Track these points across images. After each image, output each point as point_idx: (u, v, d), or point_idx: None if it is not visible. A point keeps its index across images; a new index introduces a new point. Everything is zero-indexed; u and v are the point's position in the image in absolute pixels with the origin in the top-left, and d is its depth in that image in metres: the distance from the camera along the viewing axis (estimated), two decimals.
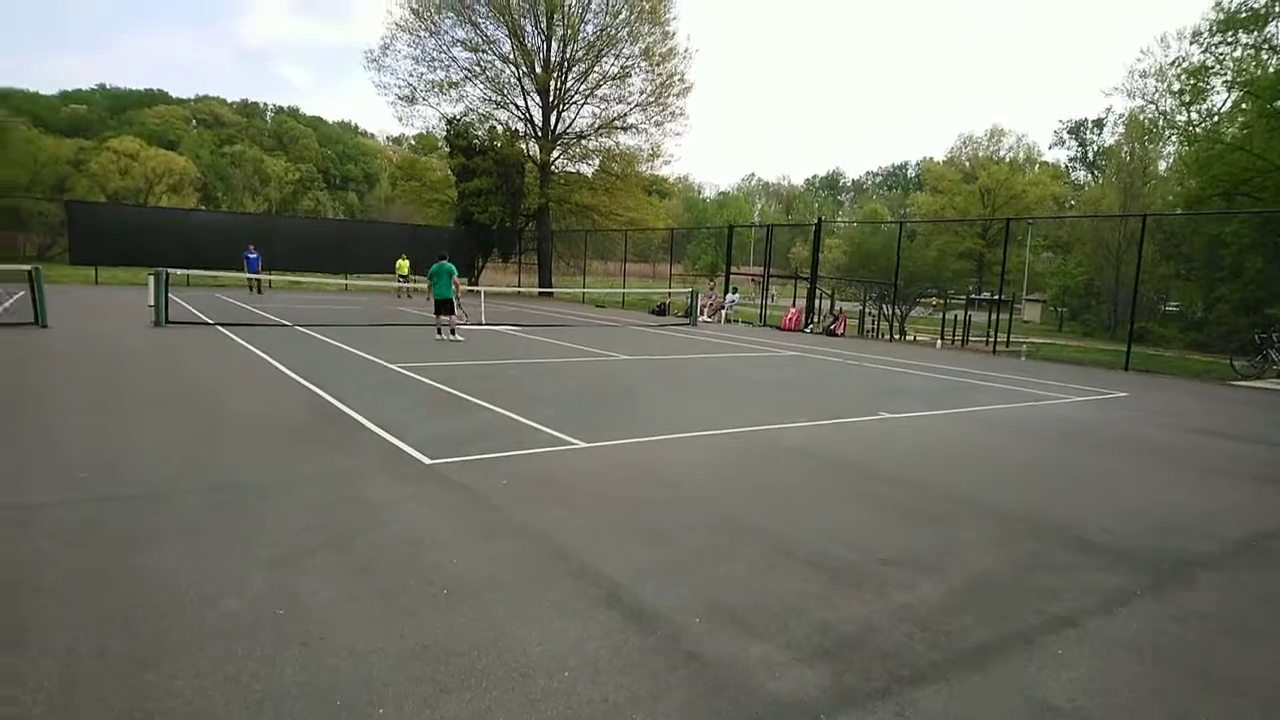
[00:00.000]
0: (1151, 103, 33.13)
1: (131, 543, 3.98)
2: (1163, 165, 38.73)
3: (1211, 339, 25.14)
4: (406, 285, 28.14)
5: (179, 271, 17.75)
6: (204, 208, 57.66)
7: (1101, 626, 3.56)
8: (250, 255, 26.37)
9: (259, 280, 26.92)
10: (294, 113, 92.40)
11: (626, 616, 3.39)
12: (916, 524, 4.93)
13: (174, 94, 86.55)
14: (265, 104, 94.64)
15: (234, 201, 67.76)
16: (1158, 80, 31.32)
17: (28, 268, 13.95)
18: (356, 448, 6.16)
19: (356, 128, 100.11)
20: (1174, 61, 29.08)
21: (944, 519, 5.08)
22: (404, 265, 28.91)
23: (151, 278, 14.80)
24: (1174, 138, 33.65)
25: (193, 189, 62.86)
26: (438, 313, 14.85)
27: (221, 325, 15.34)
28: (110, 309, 18.21)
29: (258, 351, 11.61)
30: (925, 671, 3.06)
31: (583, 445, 6.54)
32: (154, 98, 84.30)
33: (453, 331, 14.82)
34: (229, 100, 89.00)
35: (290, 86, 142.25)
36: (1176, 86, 28.79)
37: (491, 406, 8.03)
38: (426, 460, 5.77)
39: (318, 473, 5.41)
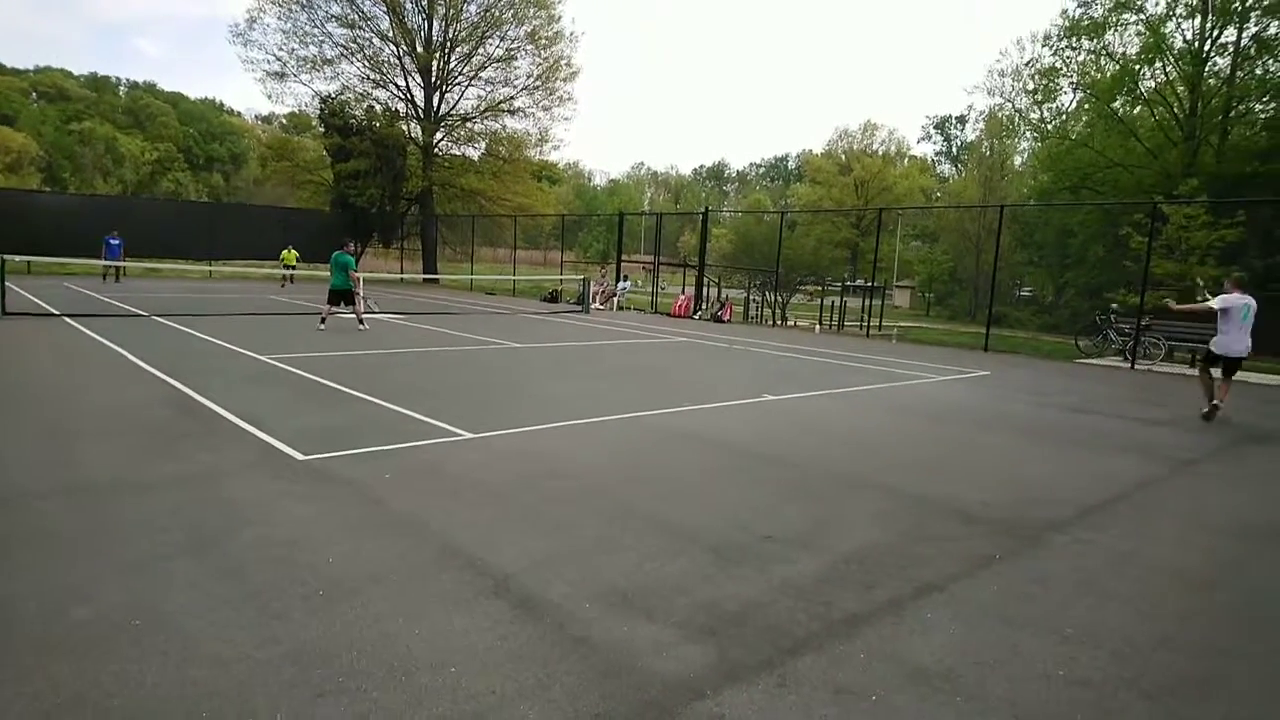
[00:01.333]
0: (1008, 100, 35.59)
1: None
2: (1018, 160, 41.71)
3: (1060, 321, 27.35)
4: (290, 273, 26.52)
5: (18, 258, 16.10)
6: (48, 189, 52.52)
7: (965, 590, 3.80)
8: (112, 241, 24.44)
9: (118, 268, 24.85)
10: (151, 88, 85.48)
11: (515, 606, 3.35)
12: (799, 501, 5.11)
13: (8, 64, 78.34)
14: (118, 78, 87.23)
15: (83, 183, 62.14)
16: (1014, 79, 33.68)
17: None
18: (222, 445, 5.79)
19: (222, 105, 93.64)
20: (1028, 62, 31.33)
21: (825, 496, 5.29)
22: (290, 255, 27.15)
23: None
24: (1028, 134, 36.26)
25: (34, 168, 57.27)
26: (330, 302, 14.14)
27: (69, 316, 14.06)
28: None
29: (110, 344, 10.71)
30: (804, 641, 3.18)
31: (470, 436, 6.40)
32: None
33: (360, 321, 14.19)
34: (75, 73, 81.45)
35: (147, 60, 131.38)
36: (1030, 86, 31.03)
37: (372, 399, 7.73)
38: (300, 456, 5.49)
39: (179, 472, 5.05)
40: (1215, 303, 9.11)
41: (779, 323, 22.97)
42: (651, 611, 3.38)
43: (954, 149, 65.86)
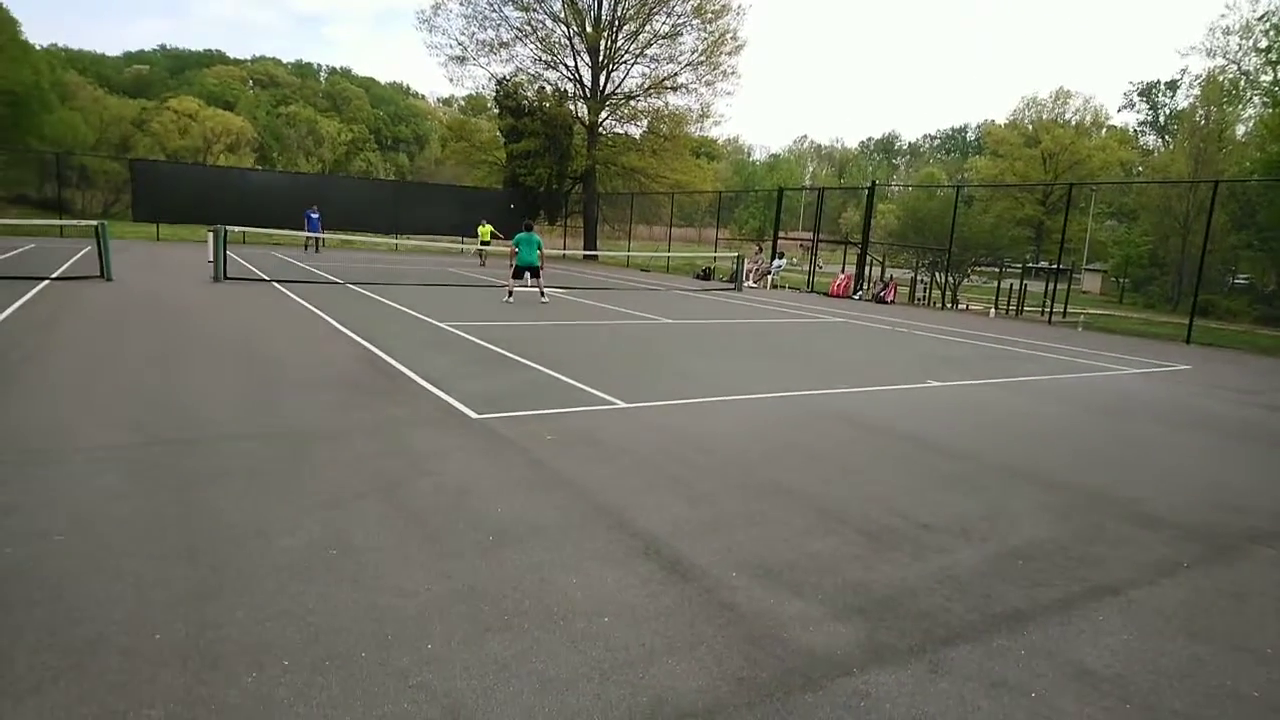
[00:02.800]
0: (1233, 62, 31.40)
1: (195, 483, 4.18)
2: (1241, 130, 36.83)
3: None
4: (486, 249, 27.17)
5: (236, 229, 18.20)
6: (260, 168, 58.75)
7: (1144, 596, 3.52)
8: (312, 215, 27.10)
9: (318, 239, 27.48)
10: (347, 73, 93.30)
11: (664, 569, 3.47)
12: (961, 492, 4.89)
13: (231, 54, 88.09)
14: (319, 65, 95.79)
15: (289, 162, 68.92)
16: (1242, 37, 29.65)
17: (94, 223, 14.46)
18: (405, 401, 6.33)
19: (408, 89, 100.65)
20: (1262, 16, 27.48)
21: (990, 488, 5.03)
22: (486, 231, 27.95)
23: (211, 234, 15.23)
24: (1256, 99, 31.91)
25: (249, 149, 64.11)
26: (516, 276, 14.87)
27: (277, 282, 15.76)
28: (171, 264, 18.82)
29: (312, 308, 11.91)
30: (960, 632, 3.07)
31: (625, 405, 6.61)
32: (212, 58, 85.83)
33: (542, 293, 14.96)
34: (284, 61, 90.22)
35: (342, 47, 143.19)
36: (1264, 43, 27.23)
37: (537, 366, 8.14)
38: (473, 415, 5.91)
39: (368, 423, 5.59)
40: None
41: (949, 306, 21.78)
42: (798, 586, 3.38)
43: (1161, 118, 59.17)
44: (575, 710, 2.41)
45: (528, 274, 14.74)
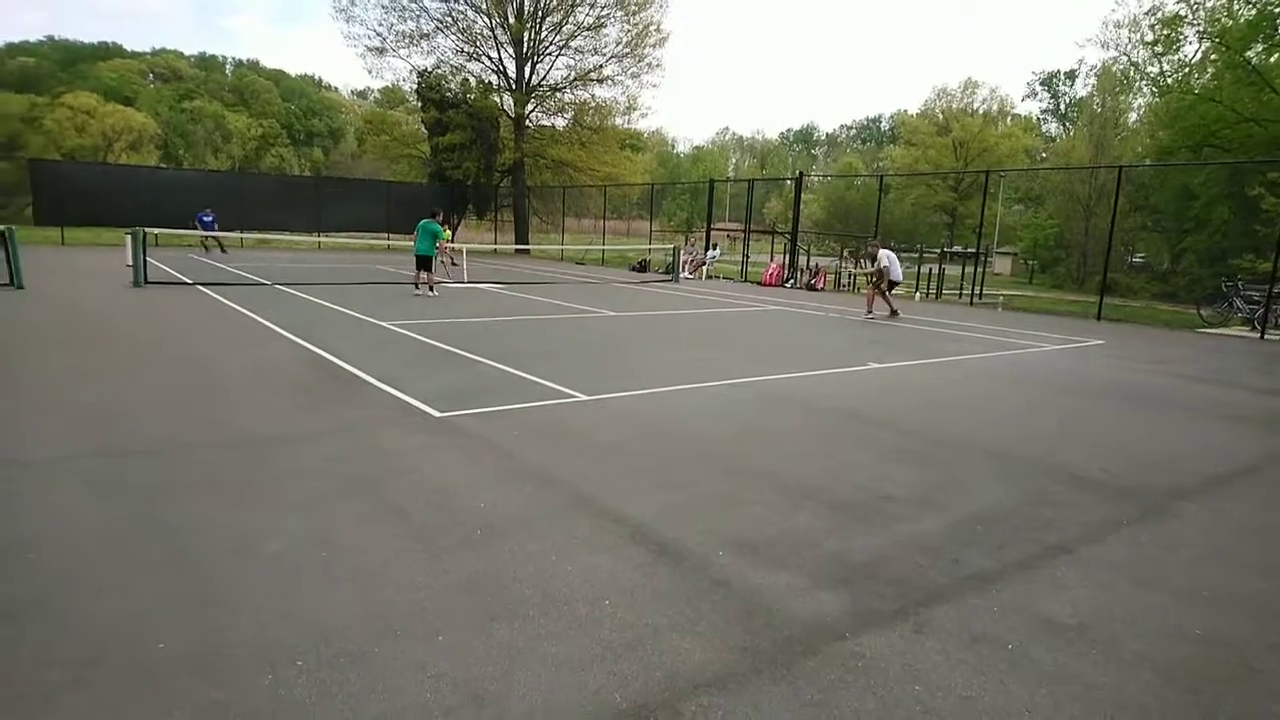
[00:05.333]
0: (1124, 54, 33.30)
1: (158, 494, 4.07)
2: (1133, 117, 39.12)
3: (1178, 289, 25.75)
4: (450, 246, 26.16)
5: (153, 231, 17.38)
6: (165, 166, 55.96)
7: (1094, 553, 3.82)
8: (205, 219, 25.35)
9: (219, 240, 26.16)
10: (254, 66, 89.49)
11: (653, 552, 3.58)
12: (916, 465, 5.16)
13: (129, 47, 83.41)
14: (224, 57, 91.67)
15: (196, 159, 65.83)
16: (1131, 30, 31.46)
17: (1, 228, 13.59)
18: (364, 402, 6.25)
19: (320, 81, 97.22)
20: (1148, 10, 29.17)
21: (942, 461, 5.33)
22: (446, 231, 26.80)
23: (129, 237, 14.53)
24: (1145, 89, 33.95)
25: (153, 146, 60.97)
26: (418, 269, 14.89)
27: (202, 285, 15.14)
28: (83, 269, 17.85)
29: (243, 310, 11.53)
30: (936, 594, 3.29)
31: (585, 398, 6.68)
32: (108, 51, 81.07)
33: (430, 288, 14.87)
34: (186, 54, 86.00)
35: (246, 38, 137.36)
36: (1149, 36, 28.94)
37: (489, 362, 8.12)
38: (436, 413, 5.88)
39: (332, 425, 5.51)
40: None
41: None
42: (783, 560, 3.55)
43: (1062, 106, 62.30)
44: (594, 688, 2.50)
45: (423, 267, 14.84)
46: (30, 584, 3.05)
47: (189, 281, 15.76)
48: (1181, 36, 27.52)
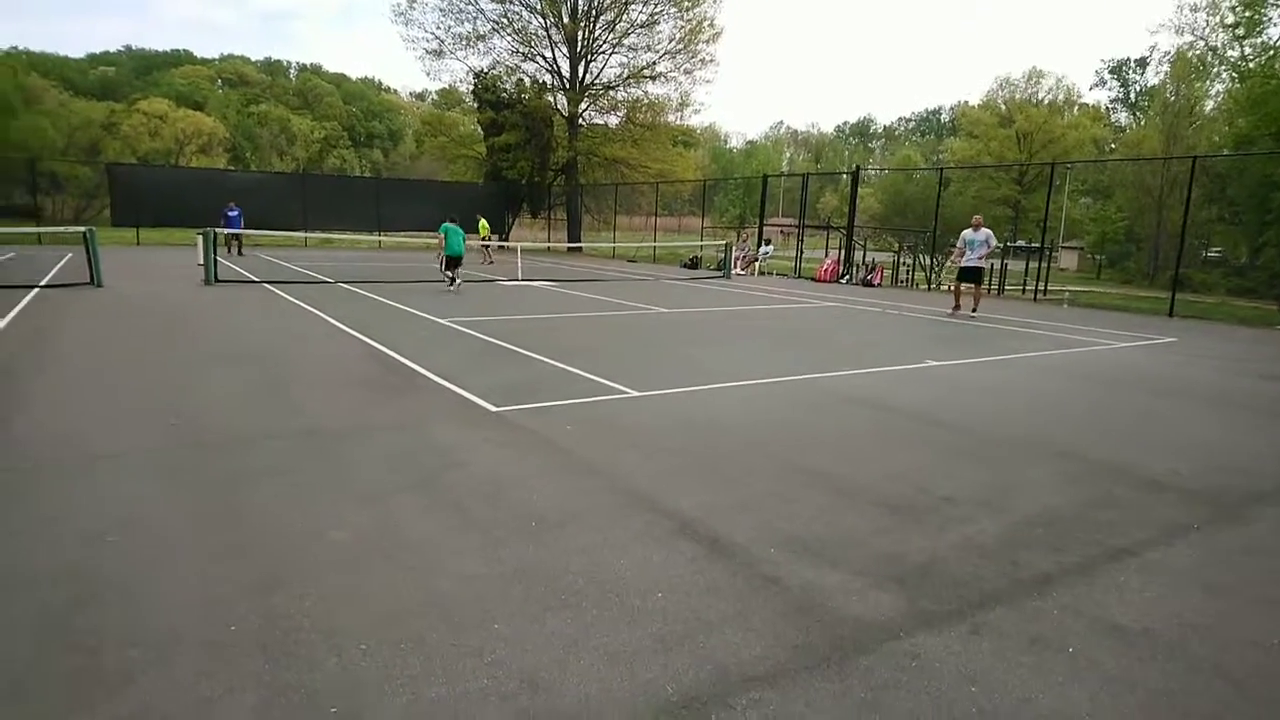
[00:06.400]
0: (1201, 38, 31.89)
1: (232, 483, 4.25)
2: (1209, 105, 37.44)
3: (1256, 284, 24.63)
4: (489, 245, 25.68)
5: (225, 231, 18.05)
6: (233, 169, 58.04)
7: (1161, 557, 3.69)
8: (230, 213, 24.21)
9: (239, 239, 25.29)
10: (317, 70, 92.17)
11: (705, 547, 3.60)
12: (975, 465, 5.06)
13: (199, 54, 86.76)
14: (288, 62, 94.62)
15: (262, 161, 68.12)
16: (1209, 13, 30.12)
17: (83, 229, 14.32)
18: (423, 396, 6.41)
19: (380, 84, 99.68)
20: None
21: (1000, 461, 5.21)
22: (485, 227, 26.49)
23: (200, 237, 15.14)
24: (1224, 74, 32.45)
25: (222, 149, 63.28)
26: (448, 268, 15.22)
27: (269, 283, 15.69)
28: (157, 269, 18.65)
29: (308, 307, 11.91)
30: (994, 595, 3.23)
31: (637, 394, 6.72)
32: (179, 58, 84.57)
33: (451, 282, 15.32)
34: (253, 59, 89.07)
35: (309, 43, 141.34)
36: (1230, 19, 27.69)
37: (543, 358, 8.23)
38: (492, 408, 6.00)
39: (392, 419, 5.67)
40: None
41: (933, 287, 22.06)
42: (835, 560, 3.53)
43: (1132, 95, 59.92)
44: (646, 680, 2.54)
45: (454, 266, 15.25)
46: (112, 568, 3.22)
47: (257, 280, 16.33)
48: (1266, 19, 26.25)
